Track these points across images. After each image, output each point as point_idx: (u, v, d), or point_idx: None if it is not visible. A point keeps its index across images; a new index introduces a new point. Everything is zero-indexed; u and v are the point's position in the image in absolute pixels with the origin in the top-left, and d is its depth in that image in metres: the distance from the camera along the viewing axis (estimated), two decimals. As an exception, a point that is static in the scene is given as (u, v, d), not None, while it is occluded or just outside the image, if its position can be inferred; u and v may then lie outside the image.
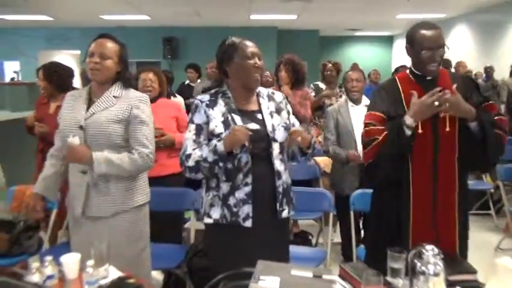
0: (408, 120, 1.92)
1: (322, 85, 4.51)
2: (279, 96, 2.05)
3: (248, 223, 1.86)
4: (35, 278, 1.64)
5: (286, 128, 1.94)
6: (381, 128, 2.05)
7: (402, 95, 2.08)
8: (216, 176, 1.89)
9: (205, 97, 1.94)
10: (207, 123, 1.89)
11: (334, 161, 3.23)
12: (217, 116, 1.88)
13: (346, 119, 3.11)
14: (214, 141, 1.83)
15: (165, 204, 2.76)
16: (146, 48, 11.27)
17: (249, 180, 1.86)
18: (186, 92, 5.80)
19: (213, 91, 1.98)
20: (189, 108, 3.31)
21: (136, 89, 2.29)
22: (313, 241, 3.67)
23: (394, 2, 8.18)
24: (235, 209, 1.87)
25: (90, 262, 1.69)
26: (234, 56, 1.89)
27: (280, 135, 1.91)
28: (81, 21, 10.30)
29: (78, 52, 11.89)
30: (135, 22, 10.32)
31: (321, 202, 2.77)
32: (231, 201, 1.87)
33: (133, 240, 2.18)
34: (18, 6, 8.18)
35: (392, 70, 10.10)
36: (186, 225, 3.29)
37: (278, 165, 1.90)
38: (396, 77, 2.18)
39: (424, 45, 1.97)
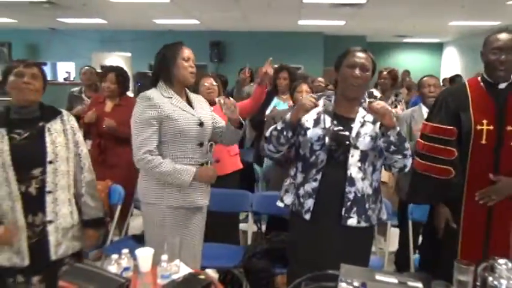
0: None
1: (376, 92, 4.47)
2: None
3: (307, 216, 1.96)
4: (113, 268, 1.74)
5: (374, 138, 1.95)
6: (449, 149, 2.06)
7: (470, 102, 2.06)
8: (296, 165, 2.04)
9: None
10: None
11: None
12: (312, 113, 1.98)
13: (420, 125, 3.06)
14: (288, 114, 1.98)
15: (223, 205, 2.84)
16: (194, 51, 11.46)
17: (318, 176, 1.94)
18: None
19: (320, 94, 2.14)
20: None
21: None
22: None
23: (447, 8, 7.98)
24: (302, 200, 1.99)
25: (165, 257, 1.78)
26: (342, 64, 1.98)
27: (363, 143, 1.93)
28: (134, 25, 10.65)
29: (129, 54, 12.32)
30: (184, 26, 10.56)
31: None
32: (301, 191, 2.00)
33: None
34: (76, 10, 8.58)
35: (441, 78, 9.87)
36: (244, 227, 3.36)
37: (354, 172, 1.93)
38: (466, 82, 2.16)
39: (493, 46, 2.00)
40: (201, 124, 2.17)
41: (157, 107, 2.11)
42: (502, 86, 2.03)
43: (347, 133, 1.94)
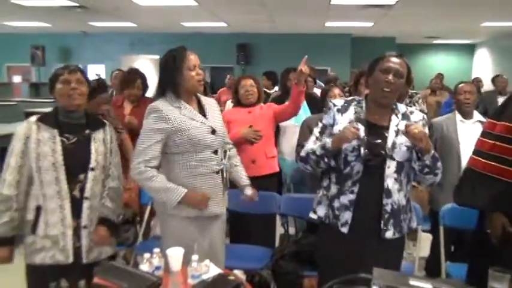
0: None
1: None
2: (417, 116, 2.00)
3: (345, 229, 1.91)
4: (145, 267, 1.78)
5: (410, 148, 1.89)
6: None
7: None
8: (329, 176, 1.98)
9: (340, 102, 2.02)
10: (332, 125, 1.97)
11: None
12: (343, 122, 1.94)
13: (452, 134, 2.99)
14: (327, 139, 1.91)
15: (250, 206, 2.84)
16: (221, 54, 11.62)
17: (355, 188, 1.89)
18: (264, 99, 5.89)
19: (350, 98, 2.06)
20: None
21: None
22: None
23: (480, 8, 7.79)
24: (337, 212, 1.94)
25: (195, 257, 1.80)
26: (375, 69, 1.93)
27: (399, 154, 1.89)
28: (162, 28, 10.84)
29: (157, 57, 12.53)
30: (212, 29, 10.68)
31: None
32: (336, 203, 1.94)
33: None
34: (107, 14, 8.79)
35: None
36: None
37: (390, 183, 1.89)
38: None
39: None
40: (213, 132, 2.14)
41: (166, 120, 2.07)
42: None
43: (380, 141, 1.90)
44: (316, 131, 2.01)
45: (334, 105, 2.00)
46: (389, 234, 1.91)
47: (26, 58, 11.79)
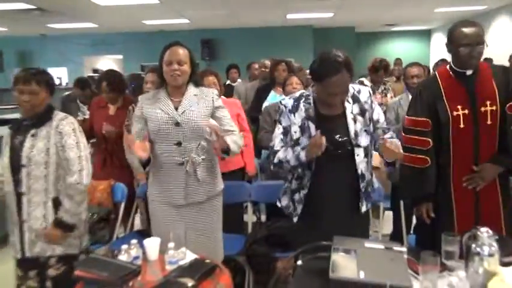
0: None
1: (367, 82, 4.56)
2: (364, 95, 2.04)
3: (295, 219, 2.08)
4: (124, 258, 1.86)
5: (369, 132, 2.01)
6: (424, 139, 2.18)
7: (443, 91, 2.19)
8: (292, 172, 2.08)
9: (289, 102, 2.05)
10: (290, 126, 2.02)
11: None
12: (296, 121, 2.00)
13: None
14: (299, 148, 1.96)
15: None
16: (185, 50, 11.58)
17: (307, 185, 2.02)
18: (227, 92, 5.96)
19: (297, 94, 2.08)
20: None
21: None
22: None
23: (432, -5, 8.10)
24: (296, 205, 2.08)
25: (171, 244, 1.90)
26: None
27: (363, 140, 1.99)
28: (124, 27, 10.70)
29: (121, 57, 12.37)
30: (174, 26, 10.63)
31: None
32: (296, 197, 2.07)
33: (219, 224, 2.45)
34: (66, 15, 8.63)
35: (431, 65, 9.99)
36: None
37: (363, 168, 1.99)
38: (436, 73, 2.28)
39: (462, 42, 2.07)
40: (176, 124, 2.22)
41: (140, 108, 2.31)
42: (469, 72, 2.16)
43: (345, 138, 1.96)
44: (279, 131, 2.06)
45: (285, 107, 2.03)
46: (364, 208, 2.06)
47: (-18, 64, 11.43)
